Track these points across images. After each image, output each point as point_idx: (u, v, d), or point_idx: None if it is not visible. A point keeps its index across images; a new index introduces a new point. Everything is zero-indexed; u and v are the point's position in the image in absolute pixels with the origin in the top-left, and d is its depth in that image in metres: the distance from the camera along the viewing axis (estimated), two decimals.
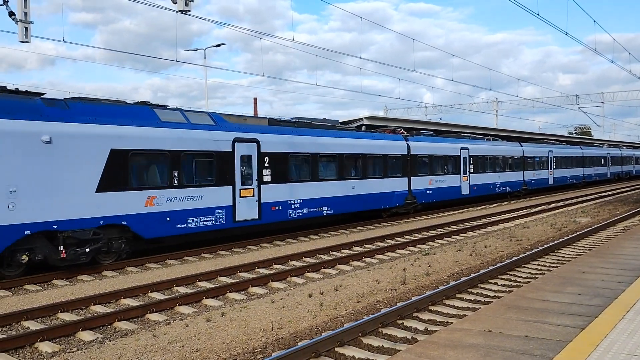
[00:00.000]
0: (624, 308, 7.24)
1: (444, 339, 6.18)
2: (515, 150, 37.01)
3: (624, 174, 64.96)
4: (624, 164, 65.08)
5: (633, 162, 69.92)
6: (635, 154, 71.63)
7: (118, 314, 9.75)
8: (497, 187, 33.96)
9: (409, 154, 25.41)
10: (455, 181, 29.43)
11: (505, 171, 35.17)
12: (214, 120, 17.12)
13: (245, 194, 17.45)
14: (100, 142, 13.81)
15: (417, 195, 25.82)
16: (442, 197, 28.22)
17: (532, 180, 39.09)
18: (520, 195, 37.70)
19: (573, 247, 16.33)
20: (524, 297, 7.99)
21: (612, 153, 60.20)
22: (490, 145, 33.95)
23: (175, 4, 11.89)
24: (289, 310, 10.02)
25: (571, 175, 46.85)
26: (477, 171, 31.68)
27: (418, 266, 13.76)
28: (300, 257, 15.44)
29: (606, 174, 57.23)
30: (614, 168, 60.06)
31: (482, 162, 32.26)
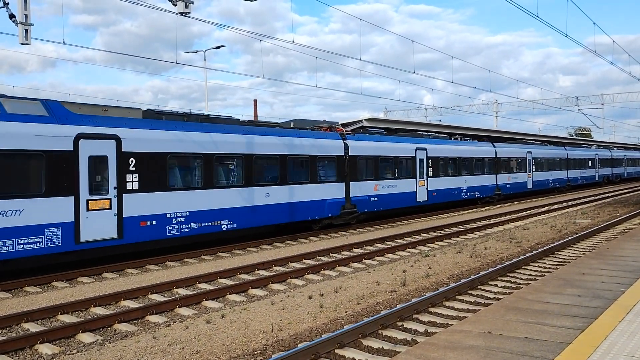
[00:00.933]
0: (624, 310, 7.24)
1: (444, 340, 6.19)
2: (486, 151, 33.35)
3: (614, 176, 61.05)
4: (615, 165, 61.14)
5: (624, 164, 65.94)
6: (626, 155, 67.51)
7: (118, 315, 9.75)
8: (463, 192, 30.44)
9: (346, 155, 21.91)
10: (409, 186, 25.69)
11: (473, 174, 31.62)
12: (48, 109, 13.47)
13: (95, 206, 13.82)
14: None
15: (357, 204, 22.35)
16: (392, 205, 24.52)
17: (507, 184, 35.55)
18: (494, 201, 34.17)
19: (573, 248, 16.33)
20: (524, 299, 7.99)
21: (601, 154, 56.41)
22: (454, 146, 30.23)
23: (175, 6, 11.91)
24: (289, 311, 10.02)
25: (554, 178, 43.28)
26: (437, 175, 27.98)
27: (418, 268, 13.76)
28: (300, 259, 15.44)
29: (594, 176, 53.50)
30: (603, 170, 56.47)
31: (444, 164, 28.72)
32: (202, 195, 16.40)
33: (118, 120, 14.65)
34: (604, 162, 56.95)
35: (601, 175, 55.64)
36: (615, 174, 61.34)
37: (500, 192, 34.51)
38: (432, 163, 27.62)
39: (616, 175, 61.57)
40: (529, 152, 38.94)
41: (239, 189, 17.53)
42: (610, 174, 59.23)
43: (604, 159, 56.66)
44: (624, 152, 67.50)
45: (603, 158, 56.54)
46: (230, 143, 17.31)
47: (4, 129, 12.33)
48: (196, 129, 16.53)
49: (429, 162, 27.36)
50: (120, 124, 14.59)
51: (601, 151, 56.92)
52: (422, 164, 26.91)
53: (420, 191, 26.62)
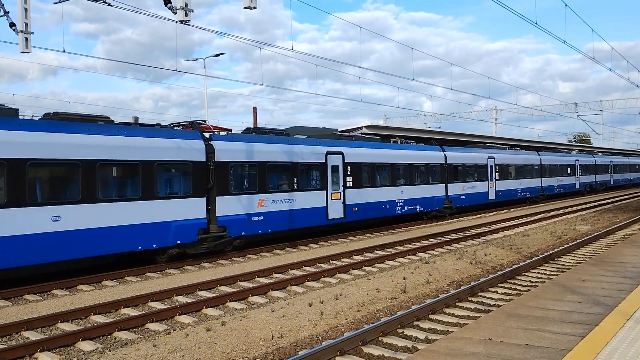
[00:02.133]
0: (624, 316, 7.24)
1: (445, 347, 6.18)
2: (432, 156, 27.85)
3: (599, 184, 55.06)
4: (599, 172, 55.28)
5: (610, 171, 59.75)
6: (612, 161, 61.11)
7: (118, 323, 9.73)
8: (398, 206, 24.99)
9: (211, 160, 16.66)
10: (316, 200, 20.57)
11: (414, 184, 26.20)
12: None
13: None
14: None
15: (229, 226, 17.13)
16: (288, 225, 19.51)
17: (461, 195, 30.13)
18: (445, 215, 28.77)
19: (573, 255, 16.32)
20: (525, 306, 7.99)
21: (583, 160, 50.64)
22: (383, 150, 24.52)
23: (175, 14, 11.96)
24: (289, 319, 10.00)
25: (524, 187, 37.96)
26: (359, 185, 22.69)
27: (418, 275, 13.74)
28: (300, 266, 15.43)
29: (574, 185, 47.97)
30: (585, 178, 50.66)
31: (370, 172, 23.34)
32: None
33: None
34: (586, 168, 51.43)
35: (583, 183, 50.18)
36: (600, 182, 55.76)
37: (452, 204, 29.01)
38: (351, 171, 22.10)
39: (601, 183, 55.98)
40: (491, 158, 33.45)
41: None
42: (594, 182, 53.59)
43: (586, 165, 51.15)
44: (610, 157, 61.47)
45: (585, 164, 50.97)
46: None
47: None
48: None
49: (346, 170, 21.97)
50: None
51: (583, 157, 51.65)
52: (337, 172, 21.55)
53: (333, 206, 21.35)
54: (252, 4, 11.28)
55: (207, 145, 16.66)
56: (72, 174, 13.51)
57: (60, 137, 13.27)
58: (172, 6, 12.08)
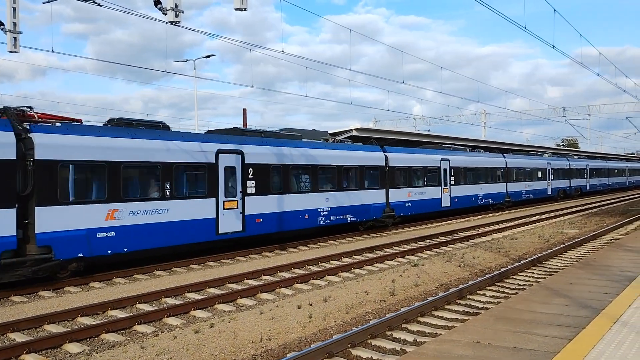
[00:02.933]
0: (611, 319, 7.29)
1: (433, 350, 6.20)
2: (368, 157, 23.95)
3: (573, 190, 51.35)
4: (574, 177, 51.58)
5: (586, 175, 55.50)
6: (589, 165, 56.81)
7: (105, 325, 9.67)
8: (321, 216, 21.24)
9: (22, 158, 13.00)
10: (203, 210, 16.75)
11: (341, 190, 22.01)
12: None
13: None
14: None
15: (56, 246, 13.30)
16: (142, 244, 15.29)
17: (407, 202, 26.22)
18: (388, 225, 25.01)
19: (561, 258, 16.43)
20: (513, 308, 8.03)
21: (556, 163, 47.07)
22: (286, 149, 20.05)
23: (166, 15, 11.92)
24: (278, 321, 9.99)
25: (486, 193, 34.16)
26: (265, 191, 18.77)
27: (407, 277, 13.77)
28: (289, 269, 15.41)
29: (545, 190, 44.37)
30: (558, 183, 47.30)
31: (269, 175, 19.11)
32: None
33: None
34: (560, 172, 47.94)
35: (555, 189, 46.52)
36: (575, 187, 52.02)
37: (394, 213, 25.26)
38: (254, 174, 18.29)
39: (576, 188, 52.18)
40: (445, 160, 30.02)
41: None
42: (568, 187, 49.92)
43: (559, 169, 47.62)
44: (587, 161, 57.29)
45: (558, 168, 47.39)
46: None
47: None
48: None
49: (247, 173, 18.16)
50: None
51: (556, 160, 48.08)
52: (234, 176, 17.81)
53: (227, 217, 17.49)
54: (242, 5, 11.27)
55: (23, 140, 13.00)
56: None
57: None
58: (162, 7, 12.05)
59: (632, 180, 76.44)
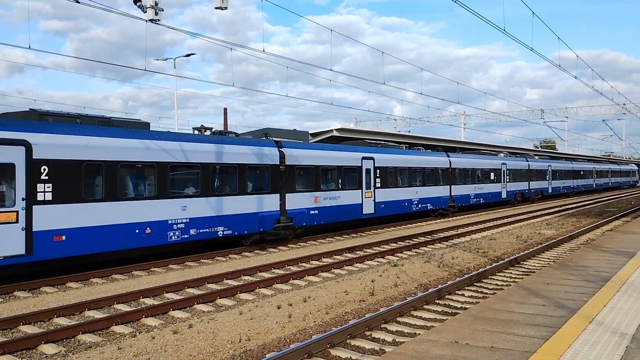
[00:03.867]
0: (587, 319, 7.40)
1: (411, 350, 6.23)
2: (258, 155, 19.40)
3: (532, 193, 47.00)
4: (534, 179, 47.34)
5: (548, 177, 51.01)
6: (551, 166, 52.19)
7: (82, 326, 9.55)
8: (173, 231, 16.35)
9: None
10: None
11: (210, 195, 17.43)
12: None
13: None
14: None
15: None
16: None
17: (313, 210, 21.66)
18: (287, 238, 20.57)
19: (538, 258, 16.62)
20: (490, 308, 8.10)
21: (512, 164, 42.71)
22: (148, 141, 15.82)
23: (145, 13, 11.82)
24: (257, 321, 9.96)
25: (423, 198, 29.82)
26: (95, 197, 14.53)
27: (386, 277, 13.83)
28: (268, 269, 15.37)
29: (499, 194, 39.79)
30: (514, 185, 42.68)
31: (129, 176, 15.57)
32: None
33: None
34: (517, 174, 43.44)
35: (511, 192, 42.05)
36: (535, 190, 47.71)
37: (292, 222, 20.58)
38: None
39: (536, 191, 47.93)
40: (369, 158, 25.32)
41: None
42: (526, 190, 45.47)
43: (516, 170, 43.20)
44: (549, 162, 52.53)
45: (515, 169, 43.02)
46: None
47: None
48: None
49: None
50: None
51: (513, 160, 43.82)
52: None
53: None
54: (223, 5, 11.22)
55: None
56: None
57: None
58: (141, 4, 11.95)
59: (600, 182, 72.16)
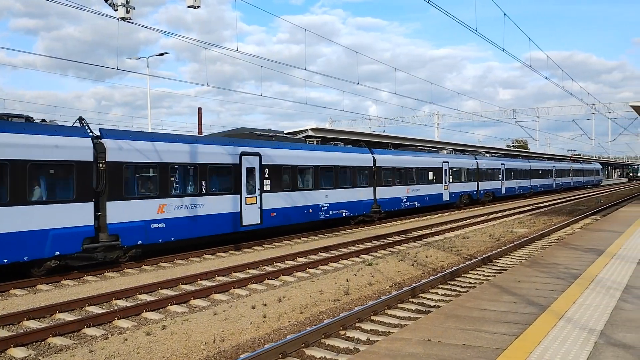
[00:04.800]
0: (556, 316, 7.52)
1: (385, 348, 6.26)
2: (50, 149, 13.97)
3: (482, 194, 42.10)
4: (484, 179, 42.26)
5: (501, 177, 46.30)
6: (505, 164, 47.26)
7: (52, 329, 9.40)
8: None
9: None
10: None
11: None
12: None
13: None
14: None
15: None
16: None
17: (157, 223, 16.47)
18: (118, 261, 15.72)
19: (510, 256, 16.84)
20: (463, 306, 8.18)
21: (456, 162, 37.54)
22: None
23: (116, 11, 11.67)
24: (232, 322, 9.92)
25: (335, 202, 24.50)
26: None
27: (361, 276, 13.88)
28: (243, 269, 15.32)
29: (440, 196, 34.88)
30: (459, 186, 37.64)
31: None
32: None
33: None
34: (463, 173, 38.65)
35: (456, 194, 37.17)
36: (486, 191, 42.77)
37: (118, 242, 15.36)
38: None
39: (487, 192, 43.01)
40: (252, 155, 20.19)
41: None
42: (474, 192, 40.45)
43: (461, 169, 38.36)
44: (502, 160, 47.74)
45: (460, 168, 38.15)
46: None
47: None
48: None
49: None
50: None
51: (457, 158, 38.70)
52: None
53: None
54: (195, 3, 11.15)
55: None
56: None
57: None
58: (112, 2, 11.80)
59: (561, 182, 66.79)
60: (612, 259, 12.22)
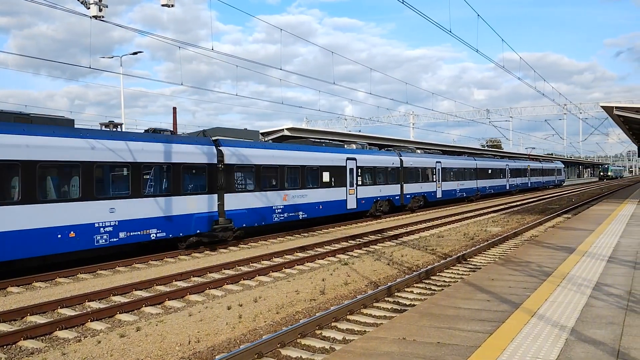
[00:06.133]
0: (529, 313, 7.63)
1: (360, 347, 6.29)
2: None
3: (409, 199, 33.91)
4: (409, 180, 34.04)
5: (437, 177, 38.07)
6: (441, 162, 39.13)
7: (24, 332, 9.24)
8: None
9: None
10: None
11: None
12: None
13: None
14: None
15: None
16: None
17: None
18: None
19: (484, 255, 17.04)
20: (438, 305, 8.26)
21: (368, 159, 29.65)
22: None
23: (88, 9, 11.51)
24: (207, 323, 9.86)
25: (129, 220, 16.33)
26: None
27: (337, 276, 13.91)
28: (219, 269, 15.24)
29: (342, 203, 27.10)
30: (372, 190, 29.91)
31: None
32: None
33: None
34: (378, 174, 30.70)
35: (368, 199, 29.47)
36: (414, 195, 34.60)
37: None
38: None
39: (415, 196, 34.83)
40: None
41: None
42: (395, 197, 32.29)
43: (375, 168, 30.38)
44: (438, 157, 39.19)
45: (374, 167, 30.23)
46: None
47: None
48: None
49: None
50: None
51: (370, 154, 30.76)
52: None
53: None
54: (169, 2, 11.06)
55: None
56: None
57: None
58: (84, 1, 11.64)
59: (516, 182, 58.48)
60: (583, 256, 12.44)
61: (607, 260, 11.83)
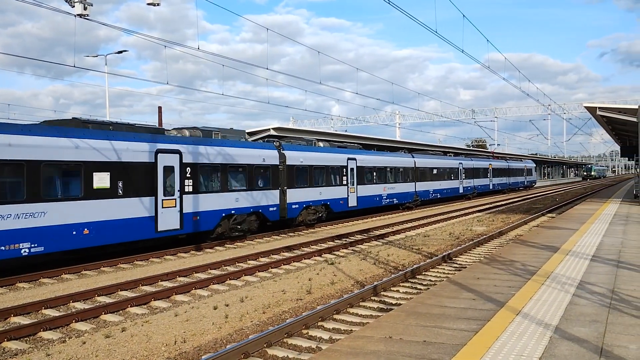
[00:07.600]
0: (514, 312, 7.70)
1: (347, 346, 6.31)
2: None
3: (300, 209, 24.97)
4: (300, 183, 25.17)
5: (350, 180, 29.24)
6: (358, 160, 30.13)
7: (7, 333, 9.14)
8: None
9: None
10: None
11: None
12: None
13: None
14: None
15: None
16: None
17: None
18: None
19: (469, 254, 17.15)
20: (424, 304, 8.30)
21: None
22: None
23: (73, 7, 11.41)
24: (193, 323, 9.83)
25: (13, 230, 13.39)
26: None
27: (324, 275, 13.93)
28: (205, 269, 15.19)
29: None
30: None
31: None
32: None
33: None
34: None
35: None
36: (304, 204, 25.42)
37: None
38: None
39: (308, 205, 25.73)
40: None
41: None
42: (270, 208, 22.92)
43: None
44: (354, 153, 30.41)
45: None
46: None
47: None
48: None
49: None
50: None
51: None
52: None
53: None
54: (155, 1, 11.00)
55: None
56: None
57: None
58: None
59: (473, 185, 50.14)
60: (567, 255, 12.57)
61: (591, 259, 11.97)
